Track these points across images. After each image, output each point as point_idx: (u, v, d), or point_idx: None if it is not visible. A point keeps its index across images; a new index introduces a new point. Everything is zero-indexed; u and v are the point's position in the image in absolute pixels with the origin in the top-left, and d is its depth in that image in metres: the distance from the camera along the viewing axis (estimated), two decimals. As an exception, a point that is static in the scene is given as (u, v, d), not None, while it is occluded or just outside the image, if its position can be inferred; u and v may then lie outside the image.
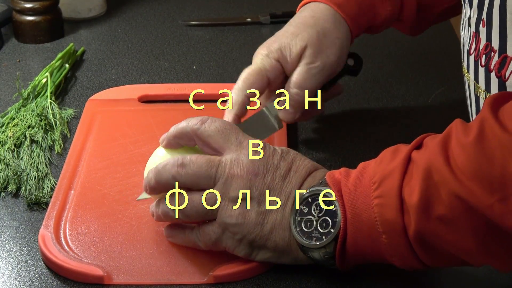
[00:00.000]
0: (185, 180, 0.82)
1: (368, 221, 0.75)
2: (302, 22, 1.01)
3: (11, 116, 1.09)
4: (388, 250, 0.76)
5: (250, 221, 0.81)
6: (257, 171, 0.81)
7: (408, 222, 0.73)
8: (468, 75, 0.90)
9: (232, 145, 0.83)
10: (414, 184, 0.73)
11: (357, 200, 0.76)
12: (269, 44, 1.00)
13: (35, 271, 0.85)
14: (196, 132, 0.84)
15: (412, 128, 1.10)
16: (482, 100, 0.88)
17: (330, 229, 0.78)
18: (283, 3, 1.47)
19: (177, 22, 1.42)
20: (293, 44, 0.99)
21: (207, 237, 0.83)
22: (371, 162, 0.78)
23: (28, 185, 0.97)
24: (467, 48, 0.90)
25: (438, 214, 0.72)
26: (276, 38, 1.01)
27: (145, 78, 1.23)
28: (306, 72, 0.98)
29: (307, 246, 0.79)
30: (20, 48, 1.32)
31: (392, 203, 0.74)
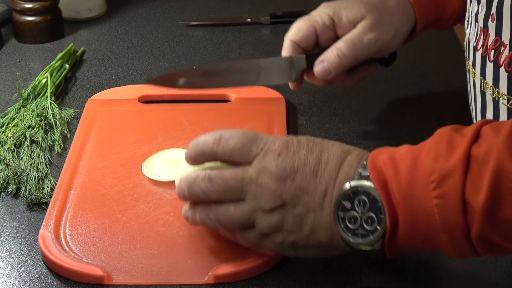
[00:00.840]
0: (214, 195, 0.81)
1: (426, 220, 0.73)
2: None
3: (11, 116, 1.09)
4: (446, 246, 0.74)
5: (288, 226, 0.79)
6: (285, 176, 0.79)
7: (471, 223, 0.71)
8: (474, 71, 0.90)
9: (256, 155, 0.81)
10: (480, 186, 0.70)
11: (413, 197, 0.73)
12: (328, 4, 1.02)
13: (35, 271, 0.85)
14: (216, 154, 0.83)
15: (412, 128, 1.10)
16: (489, 95, 0.87)
17: (376, 226, 0.75)
18: (283, 3, 1.47)
19: (177, 22, 1.42)
20: (354, 8, 1.00)
21: (247, 240, 0.83)
22: (421, 151, 0.74)
23: (28, 185, 0.97)
24: (474, 44, 0.90)
25: (505, 218, 0.70)
26: (338, 1, 1.02)
27: (145, 78, 1.23)
28: (357, 39, 0.99)
29: (353, 243, 0.77)
30: (20, 48, 1.32)
31: (454, 204, 0.71)
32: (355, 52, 1.00)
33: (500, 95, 0.85)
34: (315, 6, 1.43)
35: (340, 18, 1.00)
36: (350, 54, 1.00)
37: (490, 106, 0.88)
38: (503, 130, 0.71)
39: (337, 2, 1.03)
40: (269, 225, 0.80)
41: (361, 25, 1.00)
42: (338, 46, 1.00)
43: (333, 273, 0.84)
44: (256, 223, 0.80)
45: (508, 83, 0.83)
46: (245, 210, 0.80)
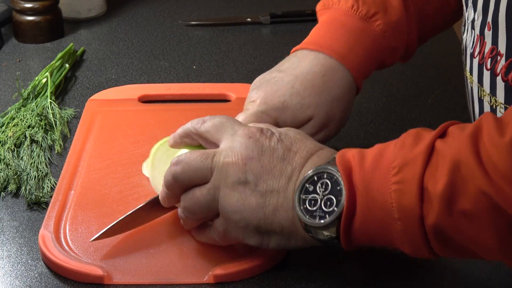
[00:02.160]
0: (183, 176, 0.82)
1: (383, 206, 0.73)
2: (310, 81, 0.94)
3: (11, 116, 1.09)
4: (400, 237, 0.74)
5: (251, 206, 0.80)
6: (252, 155, 0.80)
7: (427, 212, 0.72)
8: (471, 78, 0.90)
9: (227, 135, 0.83)
10: (439, 175, 0.71)
11: (373, 183, 0.74)
12: (268, 96, 0.93)
13: (35, 271, 0.85)
14: (197, 130, 0.85)
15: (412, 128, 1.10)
16: (486, 103, 0.87)
17: (334, 208, 0.76)
18: (283, 3, 1.47)
19: (177, 22, 1.42)
20: (298, 109, 0.93)
21: (216, 231, 0.83)
22: (389, 144, 0.76)
23: (28, 185, 0.97)
24: (470, 51, 0.90)
25: (461, 208, 0.70)
26: (277, 89, 0.94)
27: (145, 78, 1.23)
28: None
29: (309, 224, 0.77)
30: (20, 48, 1.32)
31: (412, 190, 0.72)
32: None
33: (498, 103, 0.85)
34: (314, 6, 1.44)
35: (285, 122, 0.92)
36: None
37: None
38: (468, 128, 0.73)
39: (274, 94, 0.93)
40: (230, 204, 0.80)
41: (308, 127, 0.94)
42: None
43: (333, 273, 0.84)
44: (220, 203, 0.81)
45: (505, 92, 0.83)
46: (210, 188, 0.81)
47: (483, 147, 0.70)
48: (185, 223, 0.86)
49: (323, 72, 0.95)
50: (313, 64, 0.96)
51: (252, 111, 0.93)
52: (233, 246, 0.85)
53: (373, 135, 1.09)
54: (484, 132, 0.71)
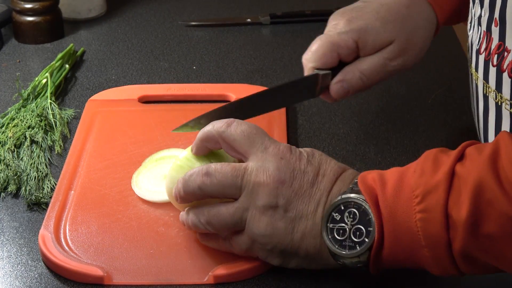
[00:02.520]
0: (211, 190, 0.81)
1: (409, 234, 0.74)
2: (396, 8, 0.95)
3: (11, 117, 1.09)
4: (428, 262, 0.75)
5: (279, 231, 0.79)
6: (284, 179, 0.79)
7: (454, 238, 0.72)
8: (477, 74, 0.90)
9: (257, 151, 0.81)
10: (462, 201, 0.71)
11: (397, 212, 0.74)
12: (352, 19, 0.94)
13: (35, 271, 0.85)
14: (221, 135, 0.83)
15: (412, 128, 1.10)
16: (491, 100, 0.87)
17: (364, 239, 0.76)
18: (283, 3, 1.47)
19: (177, 22, 1.42)
20: (381, 32, 0.94)
21: (238, 247, 0.82)
22: (408, 170, 0.76)
23: (28, 185, 0.97)
24: (477, 47, 0.89)
25: (487, 232, 0.71)
26: (362, 14, 0.95)
27: (145, 79, 1.23)
28: (382, 66, 0.95)
29: (339, 254, 0.77)
30: (20, 49, 1.32)
31: (437, 218, 0.72)
32: (378, 77, 0.96)
33: (503, 100, 0.85)
34: (315, 6, 1.44)
35: (366, 43, 0.94)
36: (373, 78, 0.95)
37: (492, 110, 0.88)
38: (485, 149, 0.73)
39: (360, 19, 0.94)
40: (258, 227, 0.79)
41: (387, 51, 0.95)
42: (362, 69, 0.95)
43: (333, 273, 0.84)
44: (247, 224, 0.80)
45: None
46: (238, 208, 0.80)
47: (502, 169, 0.71)
48: (196, 230, 0.85)
49: (408, 3, 0.96)
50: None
51: (333, 32, 0.93)
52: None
53: (373, 135, 1.09)
54: (502, 152, 0.71)
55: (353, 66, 0.95)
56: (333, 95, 0.96)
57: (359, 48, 0.94)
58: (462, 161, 0.74)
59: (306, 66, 0.95)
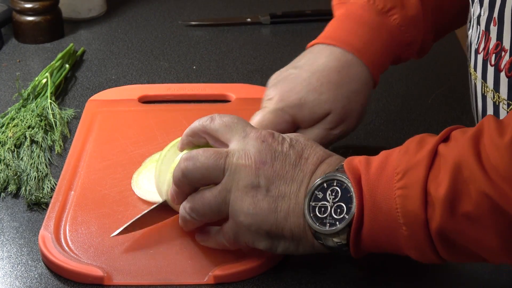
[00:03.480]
0: (194, 173, 0.81)
1: (389, 212, 0.74)
2: (327, 76, 0.94)
3: (11, 117, 1.09)
4: (406, 242, 0.74)
5: (263, 210, 0.79)
6: (265, 160, 0.80)
7: (431, 216, 0.72)
8: (475, 74, 0.90)
9: (239, 136, 0.82)
10: (441, 178, 0.71)
11: (378, 189, 0.75)
12: (286, 93, 0.94)
13: (35, 271, 0.85)
14: (205, 128, 0.84)
15: (412, 128, 1.10)
16: (489, 99, 0.87)
17: (344, 215, 0.76)
18: (283, 3, 1.47)
19: (177, 22, 1.42)
20: (317, 104, 0.93)
21: (226, 235, 0.83)
22: (394, 151, 0.77)
23: (28, 185, 0.97)
24: (475, 47, 0.90)
25: (464, 210, 0.71)
26: (294, 86, 0.94)
27: (145, 78, 1.23)
28: (324, 137, 0.95)
29: (320, 231, 0.77)
30: (20, 48, 1.32)
31: (416, 195, 0.72)
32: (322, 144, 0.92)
33: (501, 99, 0.85)
34: (314, 6, 1.44)
35: (303, 118, 0.93)
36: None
37: (490, 109, 0.88)
38: (469, 131, 0.73)
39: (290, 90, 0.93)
40: (241, 207, 0.80)
41: (326, 122, 0.94)
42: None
43: (333, 274, 0.84)
44: (230, 206, 0.80)
45: (509, 88, 0.83)
46: (221, 190, 0.81)
47: (483, 148, 0.71)
48: (185, 225, 0.85)
49: (340, 67, 0.95)
50: (329, 59, 0.96)
51: (270, 108, 0.94)
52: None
53: (373, 135, 1.09)
54: (485, 133, 0.72)
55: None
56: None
57: (298, 122, 0.94)
58: (447, 142, 0.74)
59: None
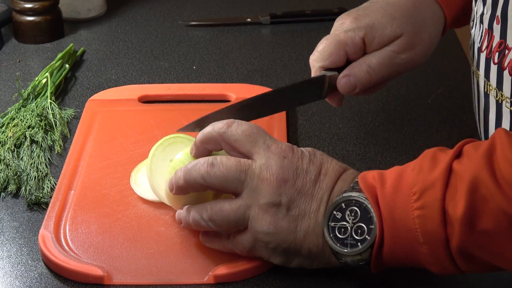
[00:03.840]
0: (214, 181, 0.81)
1: (408, 231, 0.74)
2: (403, 5, 0.95)
3: (11, 116, 1.09)
4: (427, 259, 0.75)
5: (282, 229, 0.79)
6: (287, 177, 0.79)
7: (451, 234, 0.72)
8: (478, 72, 0.90)
9: (260, 149, 0.81)
10: (459, 198, 0.71)
11: (396, 209, 0.75)
12: (359, 17, 0.94)
13: (35, 271, 0.85)
14: (222, 136, 0.83)
15: (412, 128, 1.10)
16: (492, 98, 0.87)
17: (366, 236, 0.76)
18: (283, 3, 1.47)
19: (177, 22, 1.42)
20: (387, 27, 0.93)
21: (240, 246, 0.82)
22: (407, 168, 0.76)
23: (28, 185, 0.97)
24: (478, 45, 0.90)
25: (483, 228, 0.71)
26: (368, 12, 0.95)
27: (145, 78, 1.23)
28: (390, 59, 0.94)
29: (341, 253, 0.77)
30: (20, 48, 1.32)
31: (434, 215, 0.72)
32: (386, 71, 0.95)
33: (504, 98, 0.85)
34: (315, 6, 1.44)
35: (373, 39, 0.93)
36: (380, 72, 0.94)
37: (493, 108, 0.88)
38: (482, 146, 0.73)
39: (367, 16, 0.94)
40: (261, 225, 0.80)
41: (395, 44, 0.94)
42: (369, 62, 0.94)
43: (333, 273, 0.84)
44: (249, 222, 0.80)
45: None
46: (241, 205, 0.80)
47: (497, 164, 0.71)
48: (197, 227, 0.84)
49: (415, 1, 0.96)
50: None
51: (340, 31, 0.93)
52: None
53: (373, 135, 1.09)
54: (497, 149, 0.72)
55: (361, 61, 0.94)
56: (340, 90, 0.95)
57: (366, 45, 0.94)
58: (460, 158, 0.74)
59: (314, 66, 0.95)
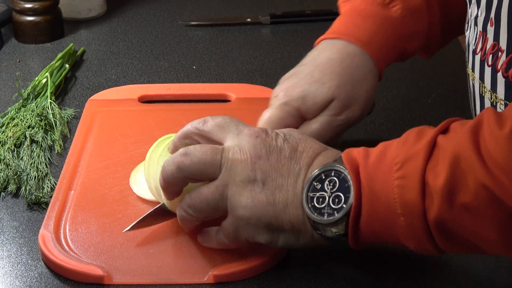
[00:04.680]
0: (191, 169, 0.82)
1: (387, 202, 0.74)
2: (329, 68, 0.96)
3: (11, 116, 1.09)
4: (404, 233, 0.74)
5: (261, 202, 0.80)
6: (260, 154, 0.80)
7: (429, 206, 0.72)
8: (473, 74, 0.90)
9: (233, 134, 0.82)
10: (440, 169, 0.71)
11: (376, 179, 0.75)
12: (289, 88, 0.96)
13: (35, 271, 0.85)
14: (198, 129, 0.85)
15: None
16: (487, 100, 0.87)
17: (342, 205, 0.76)
18: (283, 3, 1.47)
19: (177, 22, 1.42)
20: (319, 93, 0.95)
21: (226, 231, 0.82)
22: (393, 142, 0.77)
23: (28, 185, 0.97)
24: (473, 47, 0.90)
25: (462, 201, 0.71)
26: (298, 81, 0.96)
27: (145, 78, 1.23)
28: (328, 124, 0.95)
29: (318, 221, 0.77)
30: (20, 48, 1.32)
31: (414, 185, 0.72)
32: (328, 135, 0.96)
33: (498, 100, 0.85)
34: (315, 6, 1.44)
35: (307, 108, 0.95)
36: (323, 137, 0.94)
37: None
38: (468, 123, 0.73)
39: (298, 87, 0.95)
40: (239, 201, 0.80)
41: (331, 108, 0.95)
42: (310, 130, 0.95)
43: (333, 273, 0.84)
44: (228, 201, 0.81)
45: (506, 88, 0.84)
46: (218, 186, 0.81)
47: (482, 140, 0.71)
48: (184, 223, 0.85)
49: (342, 59, 0.97)
50: (331, 52, 0.98)
51: (275, 105, 0.95)
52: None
53: (373, 135, 1.09)
54: (484, 125, 0.72)
55: (301, 129, 0.95)
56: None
57: (303, 115, 0.95)
58: (446, 134, 0.74)
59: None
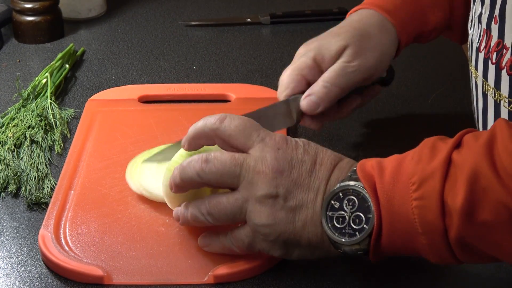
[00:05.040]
0: (210, 177, 0.81)
1: (406, 221, 0.74)
2: (347, 25, 1.02)
3: (11, 117, 1.09)
4: (425, 249, 0.75)
5: (281, 220, 0.79)
6: (282, 169, 0.80)
7: (449, 225, 0.72)
8: (476, 72, 0.90)
9: (254, 143, 0.81)
10: (458, 188, 0.71)
11: (394, 199, 0.75)
12: (309, 43, 1.01)
13: (35, 271, 0.85)
14: (216, 132, 0.83)
15: (412, 128, 1.10)
16: (490, 97, 0.87)
17: (364, 225, 0.76)
18: (283, 3, 1.47)
19: (177, 22, 1.42)
20: (333, 42, 0.99)
21: (240, 242, 0.82)
22: (406, 157, 0.76)
23: (28, 185, 0.97)
24: (477, 45, 0.90)
25: (482, 219, 0.71)
26: (317, 38, 1.02)
27: (145, 78, 1.23)
28: (341, 69, 0.97)
29: (340, 242, 0.77)
30: (20, 48, 1.32)
31: (433, 205, 0.72)
32: (341, 82, 0.97)
33: (502, 97, 0.85)
34: (315, 6, 1.44)
35: (323, 57, 0.98)
36: (336, 84, 0.97)
37: (491, 108, 0.88)
38: (482, 137, 0.73)
39: (316, 41, 1.01)
40: (260, 217, 0.80)
41: (344, 55, 0.98)
42: (324, 77, 0.98)
43: (333, 273, 0.84)
44: (247, 215, 0.80)
45: (510, 86, 0.83)
46: (238, 199, 0.80)
47: (497, 155, 0.71)
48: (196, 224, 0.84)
49: (360, 18, 1.03)
50: (351, 17, 1.04)
51: (295, 60, 1.00)
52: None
53: (373, 135, 1.09)
54: (498, 140, 0.72)
55: (318, 80, 0.98)
56: (304, 111, 0.98)
57: (319, 65, 0.98)
58: (459, 148, 0.74)
59: (280, 98, 1.00)
